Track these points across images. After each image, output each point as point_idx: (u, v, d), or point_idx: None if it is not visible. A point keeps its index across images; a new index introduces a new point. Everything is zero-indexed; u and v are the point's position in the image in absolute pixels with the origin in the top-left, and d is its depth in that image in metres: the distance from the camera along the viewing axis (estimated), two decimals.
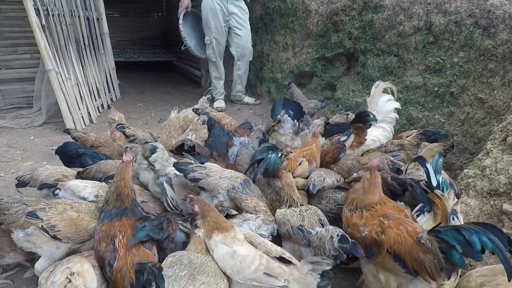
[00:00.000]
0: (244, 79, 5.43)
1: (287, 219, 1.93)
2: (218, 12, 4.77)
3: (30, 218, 1.83)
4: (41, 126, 4.38)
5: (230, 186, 2.09)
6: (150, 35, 10.30)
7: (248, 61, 5.23)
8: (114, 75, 5.69)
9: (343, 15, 4.13)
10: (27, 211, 1.84)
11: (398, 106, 3.07)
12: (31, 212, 1.84)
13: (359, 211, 1.71)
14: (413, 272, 1.46)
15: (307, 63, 4.80)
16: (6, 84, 4.74)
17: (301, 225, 1.87)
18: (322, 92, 4.73)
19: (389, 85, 3.09)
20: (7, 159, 3.49)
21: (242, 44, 4.99)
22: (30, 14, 3.71)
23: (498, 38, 2.79)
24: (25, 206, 1.87)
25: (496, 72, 2.80)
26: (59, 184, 2.20)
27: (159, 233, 1.70)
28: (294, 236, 1.85)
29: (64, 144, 2.89)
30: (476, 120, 2.89)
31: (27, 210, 1.85)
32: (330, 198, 2.26)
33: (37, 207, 1.89)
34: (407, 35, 3.46)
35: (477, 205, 1.96)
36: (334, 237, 1.69)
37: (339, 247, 1.65)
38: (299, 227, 1.86)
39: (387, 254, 1.53)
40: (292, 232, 1.87)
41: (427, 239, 1.42)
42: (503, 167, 1.94)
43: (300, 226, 1.86)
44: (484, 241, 1.29)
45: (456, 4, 3.09)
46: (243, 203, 2.05)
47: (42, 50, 3.87)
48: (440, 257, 1.37)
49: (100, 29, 5.36)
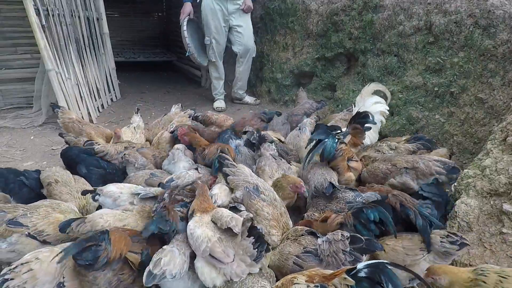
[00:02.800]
0: (245, 77, 5.39)
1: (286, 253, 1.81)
2: (218, 12, 4.76)
3: (12, 227, 1.74)
4: (41, 126, 4.37)
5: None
6: (150, 35, 10.29)
7: (250, 59, 5.19)
8: (114, 75, 5.68)
9: (343, 15, 4.13)
10: (6, 219, 1.76)
11: (385, 110, 3.03)
12: (12, 220, 1.76)
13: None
14: None
15: (307, 63, 4.80)
16: (6, 84, 4.73)
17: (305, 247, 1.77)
18: (322, 92, 4.73)
19: (381, 87, 3.05)
20: (7, 159, 3.49)
21: (244, 42, 4.97)
22: (30, 14, 3.71)
23: (498, 38, 2.79)
24: (4, 213, 1.79)
25: (496, 72, 2.80)
26: (98, 190, 2.17)
27: (166, 225, 1.76)
28: (305, 262, 1.74)
29: (67, 148, 2.83)
30: (476, 120, 2.89)
31: (6, 217, 1.77)
32: (340, 198, 2.17)
33: (17, 213, 1.80)
34: (407, 35, 3.46)
35: (477, 205, 1.96)
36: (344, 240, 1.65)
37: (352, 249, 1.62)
38: (305, 251, 1.76)
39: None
40: (301, 261, 1.75)
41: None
42: (503, 167, 1.94)
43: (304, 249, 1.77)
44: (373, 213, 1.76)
45: (456, 4, 3.09)
46: (249, 201, 2.05)
47: (42, 50, 3.87)
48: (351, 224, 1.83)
49: (100, 29, 5.35)
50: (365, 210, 1.80)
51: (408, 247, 1.75)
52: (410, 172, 2.27)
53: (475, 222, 1.91)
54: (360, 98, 3.09)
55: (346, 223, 1.86)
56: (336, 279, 1.35)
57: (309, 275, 1.48)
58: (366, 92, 3.05)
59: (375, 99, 3.03)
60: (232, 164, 2.36)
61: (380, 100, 3.03)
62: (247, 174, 2.30)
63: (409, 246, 1.76)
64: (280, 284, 1.52)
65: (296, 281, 1.45)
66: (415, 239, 1.77)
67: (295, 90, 4.89)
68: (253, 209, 2.02)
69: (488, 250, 1.78)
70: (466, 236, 1.87)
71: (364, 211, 1.80)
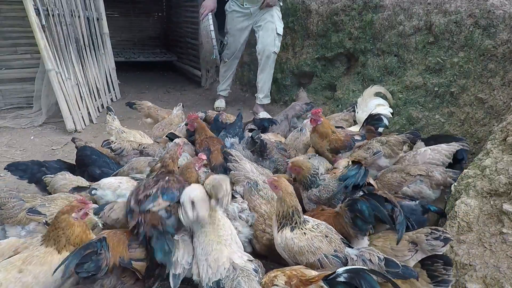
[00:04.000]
0: (264, 84, 4.82)
1: (315, 247, 1.66)
2: (238, 13, 4.53)
3: (31, 215, 1.81)
4: (41, 126, 4.38)
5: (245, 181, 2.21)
6: (150, 35, 10.28)
7: (268, 61, 4.66)
8: (114, 75, 5.68)
9: (343, 15, 4.13)
10: (24, 207, 1.83)
11: (388, 113, 3.02)
12: (32, 209, 1.83)
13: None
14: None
15: (307, 63, 4.80)
16: (6, 84, 4.73)
17: (335, 250, 1.67)
18: (322, 92, 4.73)
19: (382, 89, 3.04)
20: (7, 159, 3.49)
21: (263, 45, 4.59)
22: (30, 14, 3.71)
23: (498, 38, 2.79)
24: (22, 201, 1.86)
25: (496, 72, 2.80)
26: (94, 185, 2.17)
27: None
28: (330, 265, 1.63)
29: (82, 147, 2.77)
30: (476, 120, 2.89)
31: (24, 206, 1.84)
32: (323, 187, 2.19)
33: (35, 203, 1.88)
34: (407, 35, 3.46)
35: (477, 205, 1.95)
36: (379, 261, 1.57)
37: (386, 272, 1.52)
38: (335, 255, 1.65)
39: None
40: (327, 262, 1.64)
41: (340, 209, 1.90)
42: (503, 167, 1.94)
43: (335, 252, 1.66)
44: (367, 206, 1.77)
45: (456, 4, 3.09)
46: (249, 197, 2.11)
47: (42, 50, 3.87)
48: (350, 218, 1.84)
49: (100, 29, 5.35)
50: (358, 204, 1.81)
51: (396, 248, 1.78)
52: (425, 180, 2.24)
53: (475, 222, 1.90)
54: (362, 100, 3.07)
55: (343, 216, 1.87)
56: (313, 285, 1.33)
57: (289, 275, 1.47)
58: (368, 94, 3.03)
59: (377, 101, 3.02)
60: (235, 160, 2.43)
61: (382, 102, 3.01)
62: (248, 170, 2.34)
63: (397, 247, 1.78)
64: (263, 282, 1.51)
65: (276, 281, 1.44)
66: (404, 240, 1.79)
67: (295, 90, 4.88)
68: (251, 205, 2.08)
69: (488, 250, 1.78)
70: (466, 236, 1.87)
71: (357, 204, 1.81)
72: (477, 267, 1.73)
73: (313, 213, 2.07)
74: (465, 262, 1.81)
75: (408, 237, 1.78)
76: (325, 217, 1.95)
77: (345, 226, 1.87)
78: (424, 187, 2.24)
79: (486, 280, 1.68)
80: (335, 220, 1.92)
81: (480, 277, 1.71)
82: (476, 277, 1.71)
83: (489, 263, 1.72)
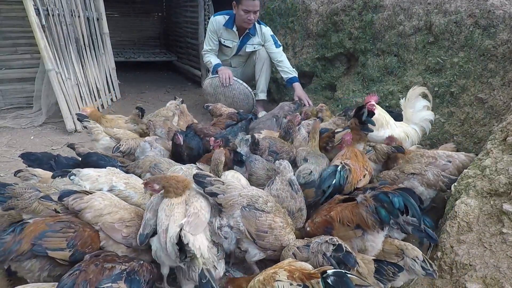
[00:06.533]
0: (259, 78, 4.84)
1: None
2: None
3: (44, 200, 1.92)
4: (41, 126, 4.38)
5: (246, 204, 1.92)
6: (150, 35, 10.28)
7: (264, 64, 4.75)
8: (114, 75, 5.68)
9: (343, 15, 4.13)
10: (39, 197, 1.93)
11: (432, 118, 2.95)
12: (45, 196, 1.94)
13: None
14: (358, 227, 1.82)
15: (307, 63, 4.80)
16: (6, 84, 4.73)
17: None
18: (322, 92, 4.73)
19: (425, 90, 2.95)
20: (7, 159, 3.49)
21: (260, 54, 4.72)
22: (30, 14, 3.71)
23: (498, 38, 2.79)
24: (38, 192, 1.96)
25: (496, 72, 2.80)
26: (74, 170, 2.20)
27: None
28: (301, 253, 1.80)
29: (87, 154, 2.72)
30: (476, 120, 2.89)
31: (39, 195, 1.94)
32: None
33: (49, 192, 1.98)
34: (407, 35, 3.46)
35: (477, 205, 1.95)
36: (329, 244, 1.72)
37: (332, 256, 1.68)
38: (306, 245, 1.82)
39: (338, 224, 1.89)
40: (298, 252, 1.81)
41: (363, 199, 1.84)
42: (503, 167, 1.94)
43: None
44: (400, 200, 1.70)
45: (456, 4, 3.09)
46: (257, 221, 1.88)
47: (42, 50, 3.87)
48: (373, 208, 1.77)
49: (100, 29, 5.35)
50: (390, 196, 1.74)
51: (387, 251, 1.83)
52: (417, 178, 2.33)
53: (475, 222, 1.91)
54: (407, 101, 2.95)
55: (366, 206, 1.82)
56: (314, 280, 1.40)
57: (290, 270, 1.49)
58: (413, 95, 2.95)
59: (423, 102, 2.91)
60: (217, 180, 1.95)
61: (428, 104, 2.92)
62: (240, 187, 1.97)
63: (388, 250, 1.83)
64: (262, 279, 1.50)
65: (278, 277, 1.45)
66: (394, 244, 1.84)
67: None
68: (265, 226, 1.87)
69: (488, 250, 1.78)
70: (466, 236, 1.87)
71: (388, 196, 1.74)
72: (477, 267, 1.73)
73: (330, 206, 2.05)
74: (465, 262, 1.81)
75: (400, 244, 1.83)
76: (342, 208, 1.93)
77: (365, 217, 1.79)
78: (415, 183, 2.32)
79: (486, 280, 1.68)
80: (354, 210, 1.86)
81: (480, 277, 1.71)
82: (476, 277, 1.72)
83: (489, 263, 1.73)
